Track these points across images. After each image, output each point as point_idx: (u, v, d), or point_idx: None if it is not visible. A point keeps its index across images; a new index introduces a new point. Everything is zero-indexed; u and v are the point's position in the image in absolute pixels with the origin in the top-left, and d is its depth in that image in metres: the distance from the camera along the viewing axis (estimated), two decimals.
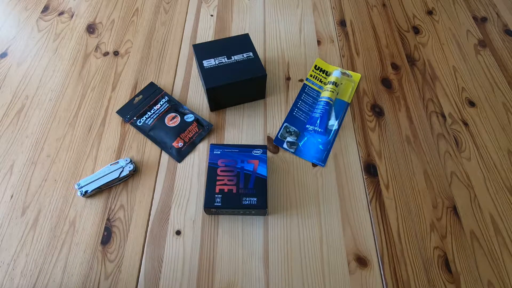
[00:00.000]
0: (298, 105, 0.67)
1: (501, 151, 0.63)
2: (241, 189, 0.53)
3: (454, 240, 0.54)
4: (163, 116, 0.63)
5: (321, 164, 0.60)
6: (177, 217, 0.55)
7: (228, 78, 0.61)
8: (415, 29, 0.81)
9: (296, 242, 0.53)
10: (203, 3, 0.84)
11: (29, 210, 0.55)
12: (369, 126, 0.65)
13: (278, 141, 0.63)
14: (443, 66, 0.74)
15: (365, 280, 0.50)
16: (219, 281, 0.50)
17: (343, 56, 0.75)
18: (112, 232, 0.54)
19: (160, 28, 0.79)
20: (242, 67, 0.62)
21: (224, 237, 0.54)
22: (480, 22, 0.83)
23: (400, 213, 0.56)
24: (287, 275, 0.51)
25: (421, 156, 0.62)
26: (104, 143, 0.62)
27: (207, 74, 0.61)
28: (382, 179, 0.59)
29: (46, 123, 0.65)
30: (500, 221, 0.56)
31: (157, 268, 0.51)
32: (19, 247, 0.52)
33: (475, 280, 0.51)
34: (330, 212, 0.56)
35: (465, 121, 0.66)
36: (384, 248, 0.53)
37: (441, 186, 0.59)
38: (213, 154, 0.56)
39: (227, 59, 0.63)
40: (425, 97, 0.69)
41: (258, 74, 0.61)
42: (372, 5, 0.85)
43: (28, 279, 0.50)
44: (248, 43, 0.65)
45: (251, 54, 0.64)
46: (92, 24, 0.80)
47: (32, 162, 0.60)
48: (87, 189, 0.55)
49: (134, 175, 0.59)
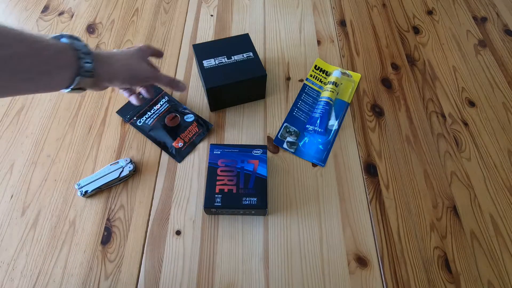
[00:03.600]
0: (298, 105, 0.67)
1: (501, 151, 0.63)
2: (241, 189, 0.53)
3: (454, 240, 0.54)
4: (163, 116, 0.63)
5: (321, 164, 0.60)
6: (177, 217, 0.55)
7: (228, 78, 0.60)
8: (415, 29, 0.81)
9: (296, 242, 0.53)
10: (203, 3, 0.84)
11: (29, 210, 0.55)
12: (369, 126, 0.65)
13: (278, 141, 0.63)
14: (443, 66, 0.74)
15: (365, 280, 0.50)
16: (219, 281, 0.50)
17: (343, 56, 0.75)
18: (112, 232, 0.54)
19: (160, 28, 0.79)
20: (242, 67, 0.62)
21: (224, 237, 0.54)
22: (480, 22, 0.83)
23: (400, 213, 0.56)
24: (287, 275, 0.51)
25: (421, 156, 0.62)
26: (104, 143, 0.62)
27: (207, 74, 0.61)
28: (382, 179, 0.59)
29: (46, 123, 0.65)
30: (500, 221, 0.56)
31: (157, 268, 0.51)
32: (19, 247, 0.52)
33: (475, 280, 0.51)
34: (330, 212, 0.56)
35: (465, 121, 0.66)
36: (384, 248, 0.53)
37: (441, 186, 0.59)
38: (213, 154, 0.56)
39: (227, 59, 0.63)
40: (425, 97, 0.69)
41: (258, 74, 0.61)
42: (372, 5, 0.85)
43: (28, 279, 0.50)
44: (248, 43, 0.65)
45: (251, 54, 0.64)
46: (92, 24, 0.80)
47: (32, 162, 0.60)
48: (87, 189, 0.55)
49: (134, 175, 0.59)
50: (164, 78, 0.54)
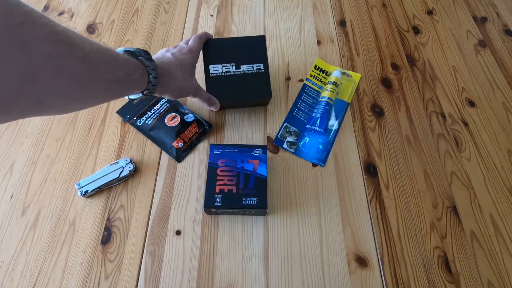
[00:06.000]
0: (298, 105, 0.67)
1: (501, 151, 0.63)
2: (241, 189, 0.53)
3: (454, 240, 0.54)
4: (163, 116, 0.63)
5: (321, 164, 0.60)
6: (177, 217, 0.55)
7: (231, 93, 0.59)
8: (415, 29, 0.81)
9: (296, 242, 0.53)
10: (203, 3, 0.84)
11: (29, 210, 0.55)
12: (369, 126, 0.65)
13: (278, 141, 0.63)
14: (443, 66, 0.74)
15: (365, 280, 0.50)
16: (219, 281, 0.50)
17: (343, 56, 0.75)
18: (112, 232, 0.54)
19: (160, 28, 0.79)
20: (249, 82, 0.59)
21: (224, 237, 0.54)
22: (480, 22, 0.83)
23: (400, 213, 0.56)
24: (287, 275, 0.51)
25: (421, 156, 0.62)
26: (104, 143, 0.62)
27: (211, 83, 0.59)
28: (382, 179, 0.59)
29: (46, 123, 0.65)
30: (500, 221, 0.56)
31: (157, 268, 0.51)
32: (19, 247, 0.52)
33: (475, 280, 0.51)
34: (330, 212, 0.56)
35: (465, 121, 0.66)
36: (384, 248, 0.53)
37: (441, 186, 0.59)
38: (213, 154, 0.56)
39: (235, 68, 0.59)
40: (425, 97, 0.69)
41: (263, 94, 0.60)
42: (372, 5, 0.85)
43: (28, 279, 0.50)
44: (261, 50, 0.61)
45: (261, 66, 0.60)
46: (92, 24, 0.80)
47: (32, 162, 0.60)
48: (87, 189, 0.55)
49: (134, 175, 0.59)
50: (205, 95, 0.57)
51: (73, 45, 0.31)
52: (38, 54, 0.28)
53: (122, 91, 0.41)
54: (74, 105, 0.36)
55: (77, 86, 0.33)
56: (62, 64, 0.30)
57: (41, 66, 0.28)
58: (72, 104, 0.35)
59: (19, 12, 0.26)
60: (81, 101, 0.36)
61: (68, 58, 0.31)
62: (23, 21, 0.26)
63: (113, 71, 0.37)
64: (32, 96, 0.29)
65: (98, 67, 0.35)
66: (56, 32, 0.29)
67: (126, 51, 0.44)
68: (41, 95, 0.29)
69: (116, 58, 0.38)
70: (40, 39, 0.28)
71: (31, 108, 0.30)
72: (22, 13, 0.26)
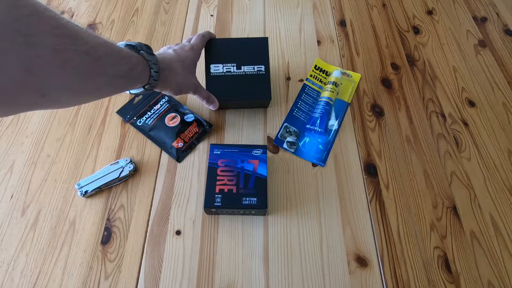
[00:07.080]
0: (298, 105, 0.67)
1: (501, 151, 0.63)
2: (241, 189, 0.53)
3: (454, 240, 0.54)
4: (163, 116, 0.63)
5: (321, 164, 0.60)
6: (177, 217, 0.55)
7: (231, 93, 0.59)
8: (415, 29, 0.81)
9: (296, 242, 0.53)
10: (203, 3, 0.84)
11: (29, 210, 0.55)
12: (369, 126, 0.65)
13: (278, 141, 0.63)
14: (443, 66, 0.74)
15: (365, 280, 0.50)
16: (219, 280, 0.50)
17: (343, 56, 0.75)
18: (112, 232, 0.54)
19: (160, 28, 0.79)
20: (249, 83, 0.59)
21: (224, 237, 0.54)
22: (480, 22, 0.83)
23: (400, 213, 0.56)
24: (287, 275, 0.51)
25: (421, 156, 0.62)
26: (104, 143, 0.62)
27: (211, 82, 0.59)
28: (382, 179, 0.59)
29: (46, 123, 0.65)
30: (500, 221, 0.56)
31: (157, 268, 0.51)
32: (19, 247, 0.52)
33: (475, 280, 0.51)
34: (330, 212, 0.56)
35: (465, 121, 0.66)
36: (384, 248, 0.53)
37: (441, 186, 0.59)
38: (213, 154, 0.56)
39: (236, 68, 0.60)
40: (425, 97, 0.69)
41: (262, 96, 0.60)
42: (372, 5, 0.85)
43: (28, 279, 0.50)
44: (263, 52, 0.60)
45: (262, 68, 0.60)
46: (92, 24, 0.80)
47: (32, 162, 0.60)
48: (87, 189, 0.55)
49: (134, 175, 0.59)
50: (205, 93, 0.57)
51: (78, 39, 0.31)
52: (43, 47, 0.27)
53: (124, 85, 0.41)
54: (76, 99, 0.36)
55: (81, 79, 0.33)
56: (66, 57, 0.30)
57: (45, 59, 0.28)
58: (75, 97, 0.35)
59: (25, 5, 0.26)
60: (84, 95, 0.36)
61: (73, 51, 0.30)
62: (29, 13, 0.26)
63: (116, 65, 0.37)
64: (36, 89, 0.29)
65: (101, 61, 0.35)
66: (61, 25, 0.29)
67: (127, 45, 0.44)
68: (45, 88, 0.29)
69: (119, 52, 0.38)
70: (45, 32, 0.28)
71: (34, 101, 0.30)
72: (28, 5, 0.26)
